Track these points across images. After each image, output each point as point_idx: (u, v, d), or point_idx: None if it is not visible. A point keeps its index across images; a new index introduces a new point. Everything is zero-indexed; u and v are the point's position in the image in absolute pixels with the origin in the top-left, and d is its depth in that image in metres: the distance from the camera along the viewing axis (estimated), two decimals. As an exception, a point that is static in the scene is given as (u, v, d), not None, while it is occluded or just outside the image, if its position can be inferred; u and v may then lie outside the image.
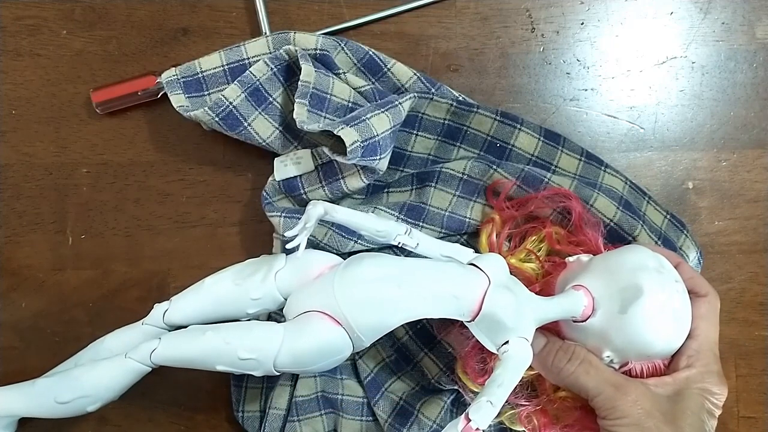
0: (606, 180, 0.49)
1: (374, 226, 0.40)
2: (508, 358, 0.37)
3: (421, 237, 0.41)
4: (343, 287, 0.38)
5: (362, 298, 0.38)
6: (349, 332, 0.38)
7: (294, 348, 0.38)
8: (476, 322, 0.39)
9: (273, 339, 0.38)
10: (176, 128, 0.49)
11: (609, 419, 0.38)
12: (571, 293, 0.40)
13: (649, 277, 0.39)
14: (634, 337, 0.39)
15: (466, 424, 0.34)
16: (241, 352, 0.37)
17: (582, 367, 0.39)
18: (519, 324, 0.38)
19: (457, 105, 0.47)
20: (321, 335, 0.38)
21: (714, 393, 0.39)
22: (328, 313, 0.38)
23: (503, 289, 0.39)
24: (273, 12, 0.49)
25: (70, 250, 0.49)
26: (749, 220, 0.52)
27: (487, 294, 0.38)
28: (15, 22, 0.49)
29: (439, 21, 0.51)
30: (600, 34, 0.51)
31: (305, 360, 0.38)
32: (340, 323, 0.38)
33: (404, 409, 0.47)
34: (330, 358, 0.39)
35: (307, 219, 0.38)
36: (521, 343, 0.38)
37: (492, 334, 0.39)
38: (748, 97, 0.52)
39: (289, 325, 0.39)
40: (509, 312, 0.38)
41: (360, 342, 0.39)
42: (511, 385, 0.36)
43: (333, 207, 0.39)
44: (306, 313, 0.39)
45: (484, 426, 0.34)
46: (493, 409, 0.35)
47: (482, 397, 0.35)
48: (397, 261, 0.40)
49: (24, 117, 0.49)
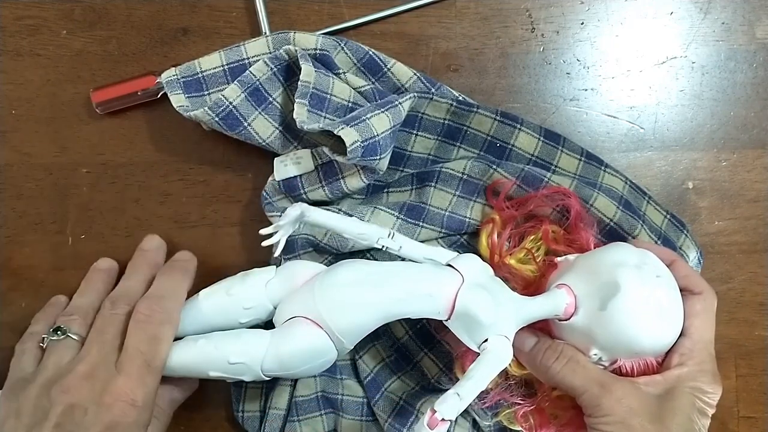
0: (606, 180, 0.49)
1: (354, 230, 0.41)
2: (485, 353, 0.38)
3: (404, 240, 0.42)
4: (322, 292, 0.39)
5: (340, 302, 0.39)
6: (330, 335, 0.39)
7: (278, 352, 0.39)
8: (452, 320, 0.39)
9: (260, 344, 0.40)
10: (176, 128, 0.49)
11: (594, 417, 0.38)
12: (554, 292, 0.41)
13: (628, 272, 0.39)
14: (616, 333, 0.39)
15: (431, 415, 0.35)
16: (231, 357, 0.39)
17: (569, 365, 0.40)
18: (496, 322, 0.39)
19: (457, 105, 0.47)
20: (303, 339, 0.39)
21: (706, 392, 0.39)
22: (310, 318, 0.39)
23: (477, 288, 0.39)
24: (273, 12, 0.49)
25: (70, 250, 0.49)
26: (749, 220, 0.52)
27: (459, 292, 0.39)
28: (15, 22, 0.49)
29: (439, 21, 0.51)
30: (600, 34, 0.51)
31: (290, 363, 0.40)
32: (321, 327, 0.39)
33: (404, 409, 0.47)
34: (314, 361, 0.40)
35: (283, 219, 0.40)
36: (500, 341, 0.39)
37: (470, 332, 0.39)
38: (748, 97, 0.52)
39: (276, 331, 0.40)
40: (484, 310, 0.38)
41: (341, 344, 0.40)
42: (483, 379, 0.37)
43: (309, 208, 0.40)
44: (291, 319, 0.40)
45: (450, 417, 0.35)
46: (461, 401, 0.35)
47: (451, 389, 0.36)
48: (372, 264, 0.41)
49: (24, 117, 0.49)
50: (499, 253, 0.45)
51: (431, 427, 0.34)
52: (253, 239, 0.49)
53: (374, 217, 0.46)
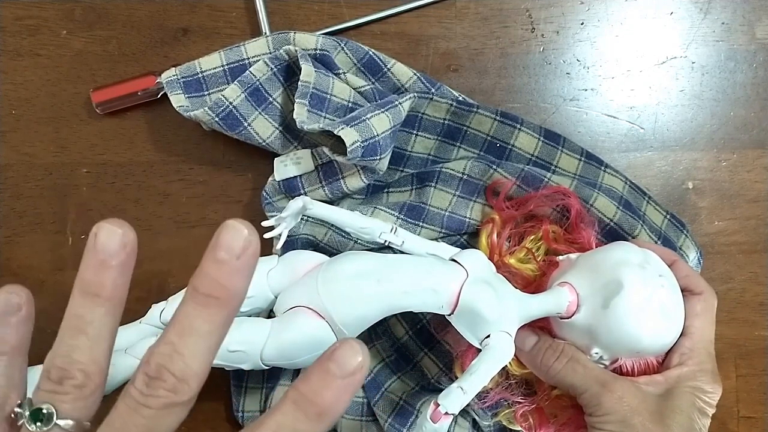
0: (606, 180, 0.49)
1: (357, 223, 0.41)
2: (487, 349, 0.38)
3: (406, 235, 0.42)
4: (325, 283, 0.39)
5: (343, 293, 0.39)
6: (332, 326, 0.39)
7: (279, 341, 0.39)
8: (456, 316, 0.39)
9: (260, 332, 0.39)
10: (176, 128, 0.49)
11: (594, 416, 0.38)
12: (556, 290, 0.41)
13: (631, 272, 0.39)
14: (618, 332, 0.39)
15: (434, 408, 0.35)
16: (231, 345, 0.39)
17: (569, 364, 0.40)
18: (500, 318, 0.39)
19: (457, 105, 0.47)
20: (304, 329, 0.39)
21: (707, 392, 0.39)
22: (312, 308, 0.39)
23: (482, 283, 0.39)
24: (273, 12, 0.49)
25: (70, 250, 0.49)
26: (749, 220, 0.52)
27: (464, 287, 0.39)
28: (15, 22, 0.49)
29: (439, 21, 0.51)
30: (600, 34, 0.51)
31: (290, 352, 0.39)
32: (323, 317, 0.39)
33: (404, 409, 0.47)
34: (314, 351, 0.40)
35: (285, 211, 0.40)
36: (502, 337, 0.39)
37: (473, 328, 0.39)
38: (748, 97, 0.52)
39: (277, 320, 0.40)
40: (488, 305, 0.38)
41: (343, 335, 0.40)
42: (486, 374, 0.37)
43: (312, 201, 0.40)
44: (292, 308, 0.40)
45: (453, 410, 0.35)
46: (465, 395, 0.35)
47: (454, 383, 0.36)
48: (377, 257, 0.41)
49: (24, 117, 0.49)
50: (499, 253, 0.45)
51: (434, 421, 0.35)
52: (253, 239, 0.49)
53: (374, 217, 0.46)
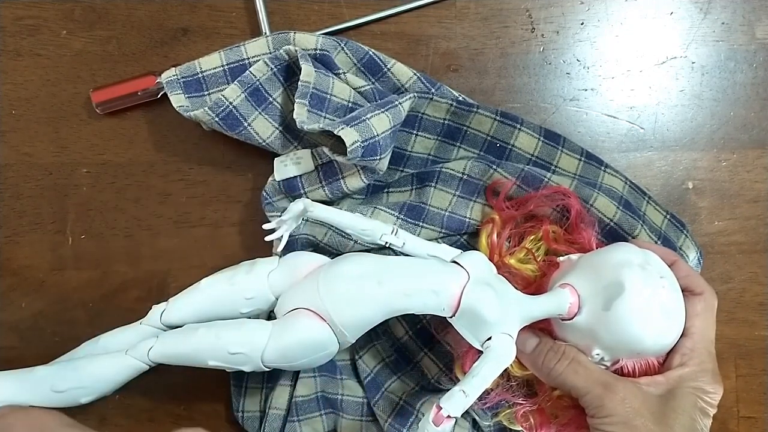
0: (606, 180, 0.48)
1: (358, 225, 0.41)
2: (489, 351, 0.38)
3: (407, 237, 0.42)
4: (326, 285, 0.39)
5: (344, 295, 0.39)
6: (333, 328, 0.39)
7: (280, 343, 0.39)
8: (457, 317, 0.39)
9: (261, 334, 0.39)
10: (176, 128, 0.49)
11: (597, 418, 0.38)
12: (557, 291, 0.40)
13: (632, 273, 0.39)
14: (619, 333, 0.39)
15: (437, 412, 0.35)
16: (231, 347, 0.39)
17: (571, 366, 0.40)
18: (501, 320, 0.39)
19: (457, 105, 0.47)
20: (306, 331, 0.39)
21: (708, 392, 0.39)
22: (313, 310, 0.39)
23: (483, 285, 0.39)
24: (273, 12, 0.49)
25: (70, 250, 0.49)
26: (749, 220, 0.52)
27: (465, 289, 0.39)
28: (15, 22, 0.49)
29: (439, 21, 0.51)
30: (600, 34, 0.51)
31: (291, 354, 0.39)
32: (324, 319, 0.39)
33: (404, 409, 0.47)
34: (315, 353, 0.40)
35: (286, 214, 0.40)
36: (504, 339, 0.39)
37: (474, 330, 0.39)
38: (748, 97, 0.52)
39: (278, 322, 0.40)
40: (489, 307, 0.38)
41: (344, 337, 0.40)
42: (488, 377, 0.37)
43: (313, 203, 0.40)
44: (293, 310, 0.40)
45: (456, 414, 0.35)
46: (467, 398, 0.35)
47: (456, 386, 0.36)
48: (378, 259, 0.41)
49: (24, 117, 0.49)
50: (499, 253, 0.45)
51: (436, 424, 0.34)
52: (253, 239, 0.49)
53: (374, 217, 0.46)
